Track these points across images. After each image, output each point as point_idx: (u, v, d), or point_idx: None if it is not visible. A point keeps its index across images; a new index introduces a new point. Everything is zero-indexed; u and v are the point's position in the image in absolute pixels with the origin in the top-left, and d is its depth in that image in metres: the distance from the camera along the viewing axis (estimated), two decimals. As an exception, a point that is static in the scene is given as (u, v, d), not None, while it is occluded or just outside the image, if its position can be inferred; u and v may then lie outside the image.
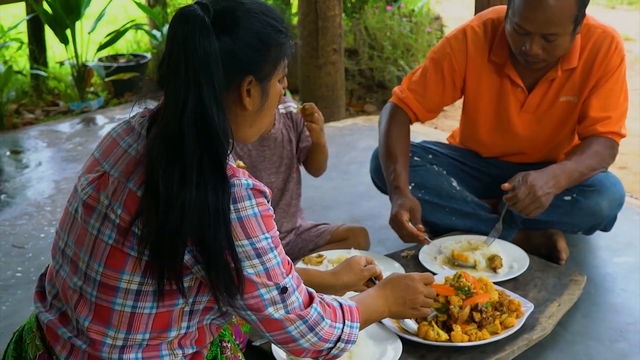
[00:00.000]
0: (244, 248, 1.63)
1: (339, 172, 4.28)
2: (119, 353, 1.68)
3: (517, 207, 2.73)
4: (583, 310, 2.72)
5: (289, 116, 2.97)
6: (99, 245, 1.66)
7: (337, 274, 2.21)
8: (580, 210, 2.93)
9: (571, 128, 3.06)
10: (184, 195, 1.55)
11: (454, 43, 3.05)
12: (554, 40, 2.75)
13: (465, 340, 2.32)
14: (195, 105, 1.56)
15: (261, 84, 1.71)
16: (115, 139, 1.73)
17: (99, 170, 1.71)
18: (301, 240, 3.04)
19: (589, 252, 3.19)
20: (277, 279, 1.68)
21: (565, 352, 2.49)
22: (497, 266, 2.78)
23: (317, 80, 5.29)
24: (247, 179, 1.65)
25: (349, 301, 1.92)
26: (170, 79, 1.59)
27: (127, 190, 1.64)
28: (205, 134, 1.57)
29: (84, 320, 1.68)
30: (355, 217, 3.61)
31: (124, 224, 1.63)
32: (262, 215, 1.65)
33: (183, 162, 1.56)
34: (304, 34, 5.24)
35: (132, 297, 1.65)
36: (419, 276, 2.12)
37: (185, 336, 1.73)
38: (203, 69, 1.56)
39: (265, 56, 1.69)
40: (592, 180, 2.91)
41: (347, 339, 1.85)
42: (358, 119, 5.34)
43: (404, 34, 5.91)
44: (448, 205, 3.09)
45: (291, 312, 1.72)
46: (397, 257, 2.94)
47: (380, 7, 6.18)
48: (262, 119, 1.78)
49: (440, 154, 3.25)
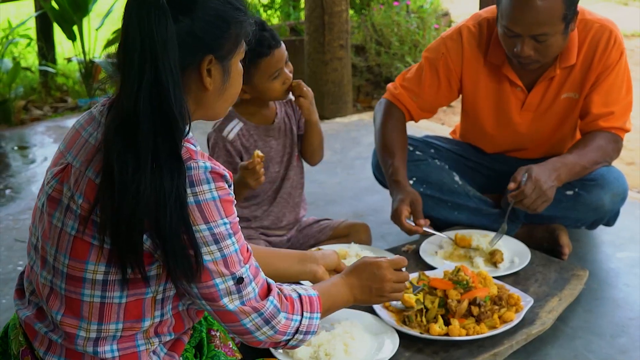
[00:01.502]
0: (202, 233, 1.61)
1: (344, 167, 4.27)
2: (93, 345, 1.67)
3: (524, 204, 2.71)
4: (585, 305, 2.70)
5: (289, 104, 2.96)
6: (64, 237, 1.65)
7: (304, 261, 2.21)
8: (583, 204, 2.90)
9: (573, 124, 3.04)
10: (138, 179, 1.53)
11: (449, 43, 3.02)
12: (545, 41, 2.72)
13: (463, 334, 2.30)
14: (151, 87, 1.54)
15: (222, 63, 1.68)
16: (78, 129, 1.72)
17: (63, 162, 1.70)
18: (302, 236, 3.02)
19: (592, 247, 3.17)
20: (234, 267, 1.66)
21: (565, 347, 2.47)
22: (498, 261, 2.76)
23: (323, 76, 5.28)
24: (206, 162, 1.62)
25: (310, 291, 1.89)
26: (125, 62, 1.56)
27: (86, 179, 1.62)
28: (162, 116, 1.55)
29: (56, 313, 1.68)
30: (358, 212, 3.60)
31: (84, 213, 1.61)
32: (221, 200, 1.62)
33: (137, 145, 1.54)
34: (310, 30, 5.22)
35: (100, 287, 1.64)
36: (388, 262, 2.07)
37: (160, 324, 1.72)
38: (159, 51, 1.54)
39: (225, 35, 1.66)
40: (594, 174, 2.89)
41: (306, 330, 1.83)
42: (364, 115, 5.33)
43: (411, 30, 5.89)
44: (450, 200, 3.07)
45: (246, 304, 1.69)
46: (398, 251, 2.92)
47: (387, 3, 6.16)
48: (225, 99, 1.75)
49: (442, 148, 3.23)
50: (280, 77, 2.73)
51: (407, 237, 3.19)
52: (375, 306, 2.44)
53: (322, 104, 5.32)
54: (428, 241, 2.95)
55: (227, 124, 2.84)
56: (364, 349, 2.25)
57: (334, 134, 4.89)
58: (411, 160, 3.09)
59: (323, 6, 5.11)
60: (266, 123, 2.89)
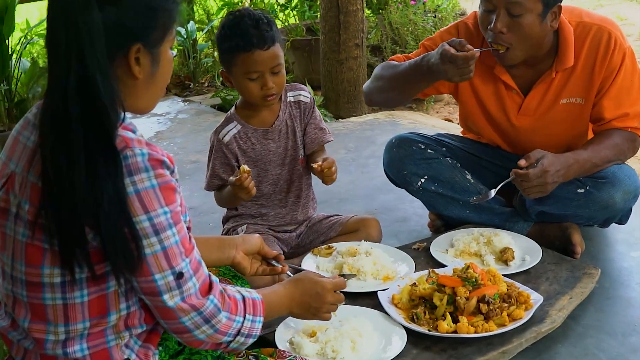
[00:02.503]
0: (142, 225, 1.57)
1: (357, 165, 4.27)
2: (62, 347, 1.66)
3: (522, 185, 2.72)
4: (596, 303, 2.67)
5: (296, 105, 2.93)
6: (17, 245, 1.64)
7: (223, 248, 2.20)
8: (594, 202, 2.87)
9: (581, 130, 3.01)
10: (72, 176, 1.51)
11: (445, 36, 2.98)
12: (519, 15, 2.70)
13: (471, 331, 2.29)
14: (78, 78, 1.52)
15: (150, 51, 1.65)
16: (16, 136, 1.70)
17: (7, 172, 1.68)
18: (312, 232, 3.02)
19: (606, 246, 3.14)
20: (174, 260, 1.63)
21: (576, 346, 2.45)
22: (509, 258, 2.75)
23: (338, 76, 5.28)
24: (143, 149, 1.58)
25: (254, 294, 1.86)
26: (51, 54, 1.55)
27: (29, 183, 1.60)
28: (91, 106, 1.52)
29: (23, 321, 1.67)
30: (370, 210, 3.59)
31: (32, 217, 1.59)
32: (160, 187, 1.59)
33: (69, 142, 1.52)
34: (325, 29, 5.23)
35: (59, 289, 1.62)
36: (331, 284, 2.08)
37: (129, 317, 1.70)
38: (84, 42, 1.51)
39: (153, 23, 1.63)
40: (605, 172, 2.86)
41: (248, 333, 1.80)
42: (379, 114, 5.32)
43: (427, 29, 5.87)
44: (462, 198, 3.06)
45: (186, 300, 1.67)
46: (409, 249, 2.92)
47: (404, 2, 6.15)
48: (155, 88, 1.71)
49: (454, 146, 3.22)
50: (259, 81, 2.70)
51: (418, 235, 3.20)
52: (383, 303, 2.44)
53: (337, 103, 5.33)
54: (439, 239, 2.95)
55: (225, 127, 2.85)
56: (372, 346, 2.25)
57: (349, 133, 4.88)
58: (423, 159, 3.08)
59: (338, 5, 5.12)
60: (265, 125, 2.87)
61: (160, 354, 1.79)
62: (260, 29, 2.64)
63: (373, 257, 2.74)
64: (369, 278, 2.67)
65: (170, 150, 4.64)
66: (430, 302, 2.41)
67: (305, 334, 2.28)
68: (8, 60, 5.28)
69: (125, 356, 1.71)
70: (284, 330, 2.30)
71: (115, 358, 1.69)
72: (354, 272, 2.66)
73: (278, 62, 2.70)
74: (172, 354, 1.84)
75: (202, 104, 5.85)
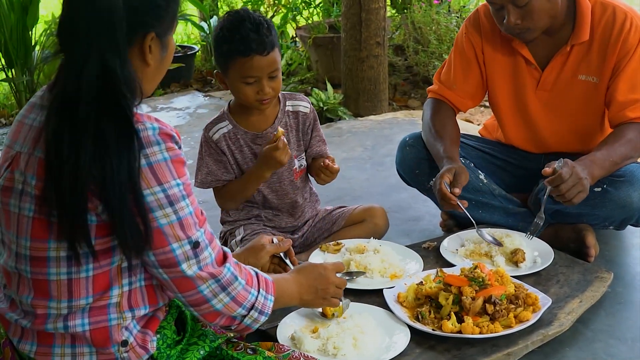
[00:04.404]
0: (156, 196, 1.62)
1: (374, 163, 4.24)
2: (63, 321, 1.68)
3: (561, 189, 2.59)
4: (608, 308, 2.63)
5: (294, 115, 2.88)
6: (22, 221, 1.67)
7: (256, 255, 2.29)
8: (611, 201, 2.81)
9: (597, 112, 2.96)
10: (77, 152, 1.55)
11: (468, 23, 3.09)
12: (525, 5, 2.71)
13: (476, 332, 2.26)
14: (97, 63, 1.56)
15: (161, 39, 1.72)
16: (21, 120, 1.74)
17: (12, 154, 1.71)
18: (317, 230, 3.00)
19: (621, 250, 3.08)
20: (190, 230, 1.67)
21: (584, 350, 2.41)
22: (519, 260, 2.71)
23: (359, 74, 5.24)
24: (153, 123, 1.64)
25: (266, 275, 1.91)
26: (70, 38, 1.58)
27: (36, 158, 1.64)
28: (109, 88, 1.57)
29: (27, 298, 1.70)
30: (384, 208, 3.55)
31: (39, 192, 1.63)
32: (172, 160, 1.64)
33: (76, 120, 1.55)
34: (347, 27, 5.19)
35: (65, 264, 1.65)
36: (331, 266, 2.15)
37: (132, 294, 1.72)
38: (106, 26, 1.56)
39: (167, 11, 1.71)
40: (622, 170, 2.81)
41: (261, 309, 1.84)
42: (399, 113, 5.29)
43: (450, 28, 5.83)
44: (474, 198, 3.01)
45: (204, 269, 1.71)
46: (419, 248, 2.89)
47: (428, 1, 6.11)
48: (160, 74, 1.79)
49: (468, 146, 3.18)
50: (255, 86, 2.66)
51: (430, 235, 3.16)
52: (388, 301, 2.41)
53: (357, 102, 5.30)
54: (449, 238, 2.91)
55: (216, 124, 2.83)
56: (374, 344, 2.22)
57: (367, 131, 4.85)
58: (435, 158, 3.06)
59: (360, 3, 5.09)
60: (256, 130, 2.83)
61: (158, 342, 1.79)
62: (261, 34, 2.60)
63: (381, 254, 2.71)
64: (376, 275, 2.64)
65: (187, 144, 4.64)
66: (436, 301, 2.38)
67: (307, 330, 2.26)
68: (31, 51, 5.33)
69: (123, 337, 1.73)
70: (286, 325, 2.29)
71: (114, 338, 1.71)
72: (361, 269, 2.64)
73: (276, 67, 2.66)
74: (169, 343, 1.83)
75: (222, 99, 5.85)
